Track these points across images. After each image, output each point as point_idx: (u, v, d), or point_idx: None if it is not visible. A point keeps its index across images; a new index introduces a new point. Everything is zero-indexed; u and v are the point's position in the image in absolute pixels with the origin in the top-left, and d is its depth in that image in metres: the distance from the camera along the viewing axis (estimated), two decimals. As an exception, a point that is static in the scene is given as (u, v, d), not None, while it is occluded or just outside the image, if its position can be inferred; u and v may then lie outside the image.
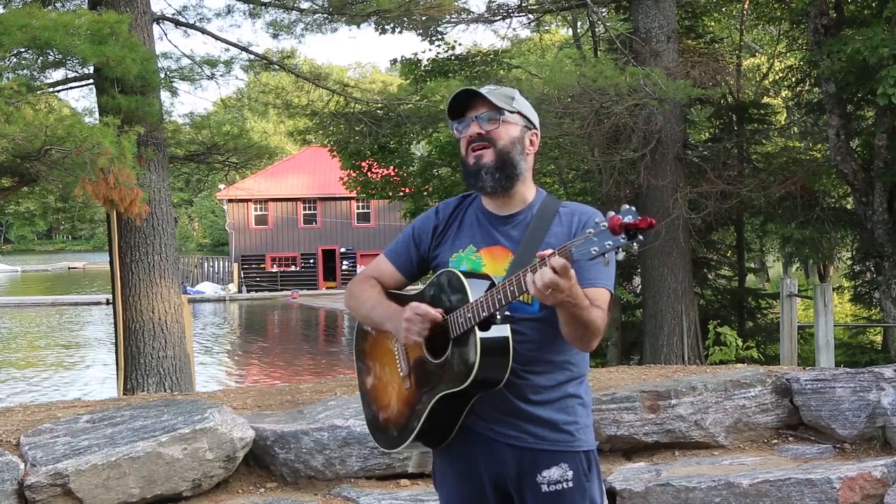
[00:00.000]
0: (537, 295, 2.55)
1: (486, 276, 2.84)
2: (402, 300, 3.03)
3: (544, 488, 2.87)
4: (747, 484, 5.00)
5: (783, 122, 21.53)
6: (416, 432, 2.93)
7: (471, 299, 2.75)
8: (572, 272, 2.53)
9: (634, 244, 2.38)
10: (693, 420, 5.78)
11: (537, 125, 3.08)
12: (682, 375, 6.40)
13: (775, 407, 5.95)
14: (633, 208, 2.38)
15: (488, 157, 2.93)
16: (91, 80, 14.15)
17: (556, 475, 2.88)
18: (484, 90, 2.97)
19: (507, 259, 2.91)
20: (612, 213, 2.38)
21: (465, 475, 3.00)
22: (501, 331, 2.74)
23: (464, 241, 3.03)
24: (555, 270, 2.49)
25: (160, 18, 15.33)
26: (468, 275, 2.85)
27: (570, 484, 2.88)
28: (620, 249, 2.40)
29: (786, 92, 21.27)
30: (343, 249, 52.91)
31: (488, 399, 2.85)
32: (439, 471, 3.13)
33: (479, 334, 2.72)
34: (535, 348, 2.86)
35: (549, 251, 2.53)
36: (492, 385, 2.79)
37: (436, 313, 2.80)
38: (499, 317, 2.70)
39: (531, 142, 3.03)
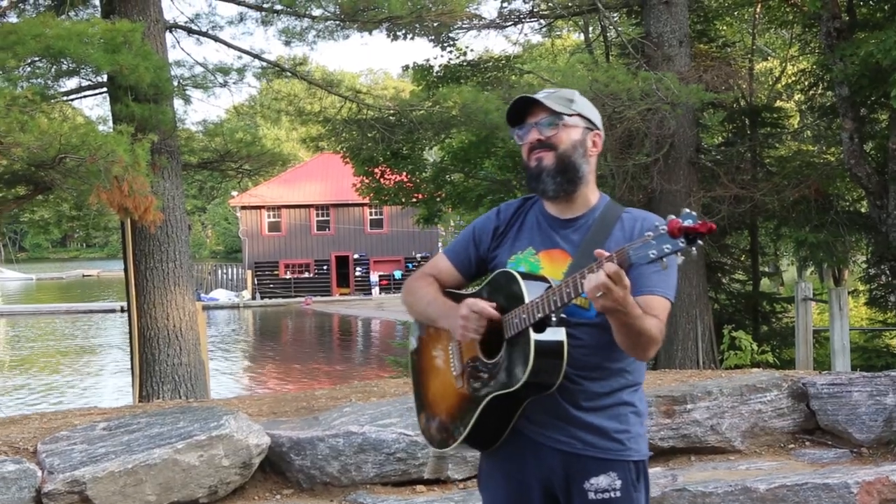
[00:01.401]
0: (589, 296, 2.52)
1: (543, 279, 2.81)
2: (459, 299, 3.00)
3: (591, 496, 2.84)
4: (764, 489, 4.98)
5: (796, 126, 21.42)
6: (466, 432, 2.91)
7: (526, 300, 2.72)
8: (626, 280, 2.50)
9: (693, 249, 2.35)
10: (709, 425, 5.77)
11: (600, 125, 3.03)
12: (698, 380, 6.39)
13: (791, 411, 5.94)
14: (694, 213, 2.35)
15: (549, 159, 2.90)
16: (105, 89, 14.21)
17: (603, 483, 2.84)
18: (541, 95, 2.94)
19: (566, 262, 2.87)
20: (671, 217, 2.36)
21: (512, 478, 2.96)
22: (556, 334, 2.71)
23: (523, 243, 3.00)
24: (608, 275, 2.46)
25: (173, 27, 15.38)
26: (525, 276, 2.82)
27: (618, 493, 2.84)
28: (679, 254, 2.37)
29: (799, 95, 21.20)
30: (356, 256, 52.96)
31: (540, 403, 2.82)
32: (486, 473, 3.09)
33: (534, 336, 2.69)
34: (591, 353, 2.82)
35: (607, 253, 2.50)
36: (544, 388, 2.76)
37: (493, 311, 2.78)
38: (554, 319, 2.67)
39: (594, 143, 2.99)
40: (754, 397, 5.89)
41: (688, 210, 2.37)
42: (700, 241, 2.35)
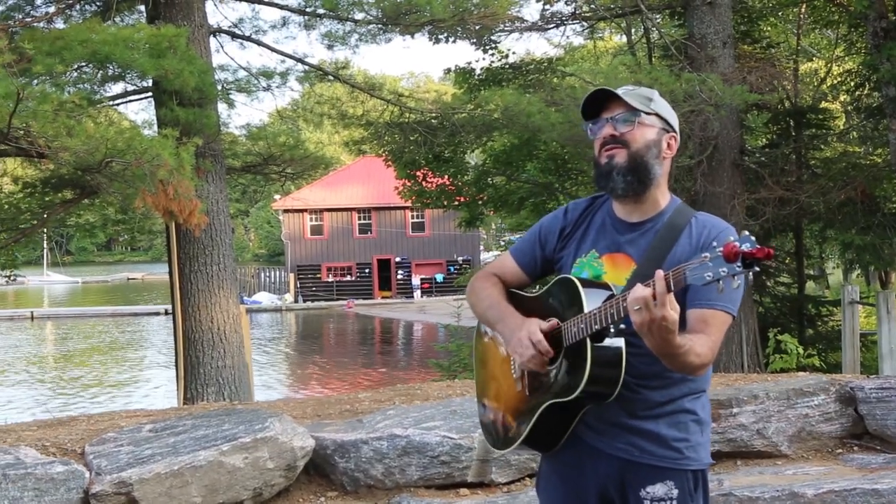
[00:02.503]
0: (628, 308, 2.46)
1: (605, 286, 2.76)
2: (522, 301, 3.00)
3: None
4: (812, 494, 4.92)
5: (842, 127, 21.21)
6: (523, 437, 2.89)
7: (585, 310, 2.67)
8: (669, 312, 2.42)
9: (750, 274, 2.29)
10: (755, 429, 5.71)
11: (677, 128, 2.95)
12: (744, 384, 6.33)
13: (839, 416, 5.86)
14: (753, 237, 2.28)
15: (620, 157, 2.82)
16: (150, 94, 14.35)
17: (660, 492, 2.79)
18: (620, 90, 2.87)
19: (629, 268, 2.81)
20: (730, 239, 2.29)
21: (569, 482, 2.94)
22: (615, 343, 2.66)
23: (587, 246, 2.94)
24: (653, 294, 2.40)
25: (217, 31, 15.51)
26: (586, 283, 2.76)
27: (675, 503, 2.80)
28: (734, 278, 2.29)
29: (844, 96, 20.99)
30: (398, 259, 53.08)
31: (598, 410, 2.79)
32: (544, 475, 3.07)
33: (591, 346, 2.65)
34: (652, 362, 2.69)
35: (663, 273, 2.42)
36: (602, 398, 2.72)
37: (548, 347, 2.72)
38: (612, 330, 2.60)
39: (668, 145, 2.91)
40: (801, 401, 5.82)
41: (747, 233, 2.30)
42: (757, 267, 2.28)
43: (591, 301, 2.68)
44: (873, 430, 5.77)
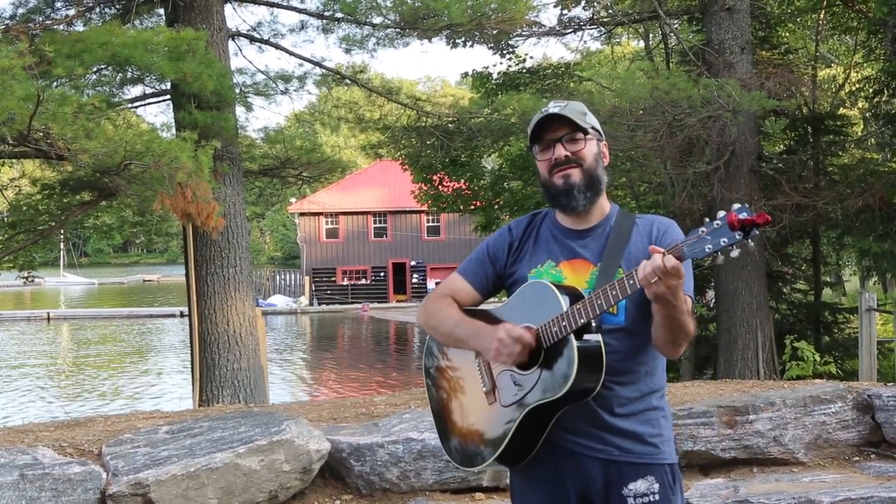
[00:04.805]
0: (642, 283, 2.56)
1: (571, 288, 2.84)
2: (480, 316, 3.04)
3: (631, 501, 2.85)
4: (829, 502, 4.91)
5: (860, 134, 21.10)
6: (502, 448, 2.90)
7: (563, 309, 2.74)
8: (683, 272, 2.53)
9: (750, 241, 2.39)
10: (772, 436, 5.70)
11: (603, 135, 3.10)
12: (760, 390, 6.32)
13: (856, 424, 5.85)
14: (746, 205, 2.39)
15: (577, 176, 2.94)
16: (168, 96, 14.40)
17: (642, 488, 2.86)
18: (557, 109, 2.97)
19: (589, 271, 2.90)
20: (723, 212, 2.41)
21: (548, 490, 2.96)
22: (594, 337, 2.74)
23: (541, 257, 3.03)
24: (667, 268, 2.50)
25: (236, 35, 15.56)
26: (556, 286, 2.84)
27: (657, 497, 2.86)
28: (735, 247, 2.40)
29: (863, 103, 20.87)
30: (413, 262, 53.12)
31: (574, 411, 2.83)
32: (518, 489, 3.09)
33: (575, 343, 2.71)
34: (621, 359, 2.85)
35: (661, 249, 2.54)
36: (584, 395, 2.78)
37: (530, 337, 2.78)
38: (594, 325, 2.71)
39: (604, 153, 3.05)
40: (818, 409, 5.81)
41: (739, 204, 2.41)
42: (756, 233, 2.38)
43: (565, 302, 2.77)
44: (891, 438, 5.75)
